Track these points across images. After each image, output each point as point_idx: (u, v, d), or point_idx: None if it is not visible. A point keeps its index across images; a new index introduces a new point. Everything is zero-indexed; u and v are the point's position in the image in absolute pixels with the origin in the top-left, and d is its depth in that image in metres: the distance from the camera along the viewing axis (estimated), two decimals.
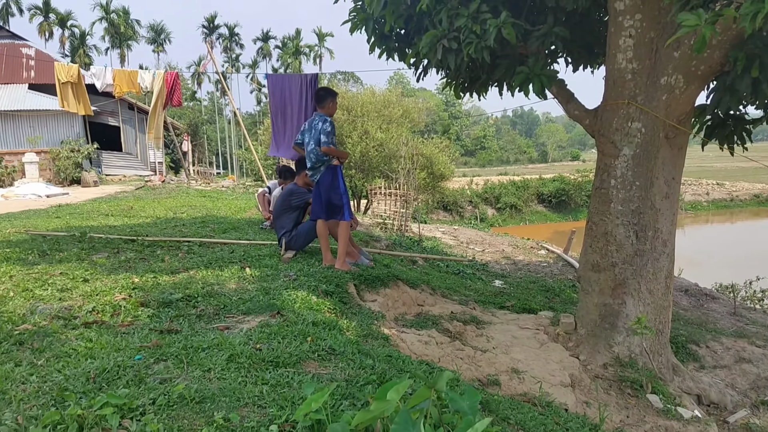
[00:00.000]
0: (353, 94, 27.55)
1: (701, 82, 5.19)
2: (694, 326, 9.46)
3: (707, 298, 12.22)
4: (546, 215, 42.03)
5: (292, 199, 7.03)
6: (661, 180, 5.54)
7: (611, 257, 5.73)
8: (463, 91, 6.69)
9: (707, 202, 44.94)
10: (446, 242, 15.70)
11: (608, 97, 5.50)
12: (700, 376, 7.18)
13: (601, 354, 5.86)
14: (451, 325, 5.82)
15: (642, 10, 5.05)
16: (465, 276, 10.25)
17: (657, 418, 5.20)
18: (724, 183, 49.23)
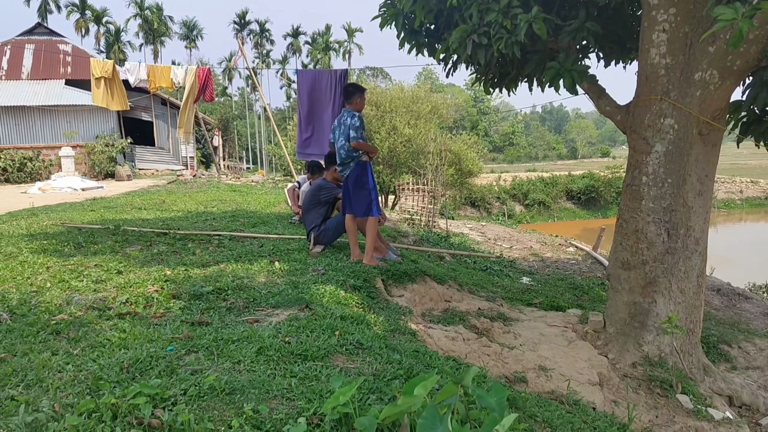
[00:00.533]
0: (382, 89, 27.55)
1: (737, 78, 5.06)
2: (726, 326, 9.27)
3: (740, 298, 11.95)
4: (575, 212, 41.52)
5: (320, 194, 7.07)
6: (694, 177, 5.43)
7: (642, 255, 5.63)
8: (492, 86, 6.64)
9: (741, 200, 43.85)
10: (474, 238, 15.62)
11: (640, 92, 5.40)
12: (731, 377, 7.03)
13: (630, 353, 5.77)
14: (478, 321, 5.79)
15: (676, 4, 4.94)
16: (492, 273, 10.19)
17: (687, 418, 5.11)
18: (759, 181, 47.99)
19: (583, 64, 5.58)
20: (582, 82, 5.55)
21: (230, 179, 23.25)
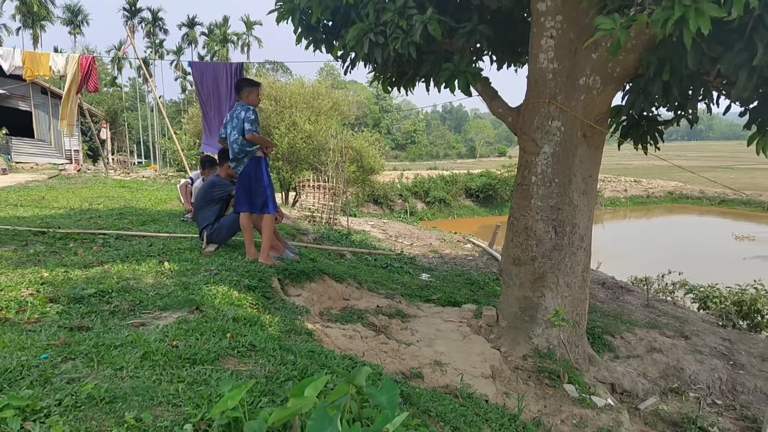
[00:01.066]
0: (282, 84, 27.18)
1: (617, 84, 5.45)
2: (610, 318, 9.94)
3: (623, 291, 12.87)
4: (474, 209, 42.97)
5: (214, 191, 6.89)
6: (579, 177, 5.79)
7: (531, 251, 5.94)
8: (390, 85, 6.75)
9: (625, 199, 47.19)
10: (375, 236, 15.79)
11: (530, 95, 5.69)
12: (614, 365, 7.56)
13: (521, 345, 6.07)
14: (377, 318, 5.87)
15: (563, 12, 5.24)
16: (393, 269, 10.35)
17: (573, 407, 5.44)
18: (641, 180, 51.81)
19: (476, 67, 5.80)
20: (476, 84, 5.77)
21: (119, 174, 22.11)
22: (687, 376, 7.92)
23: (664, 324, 10.10)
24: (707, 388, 7.85)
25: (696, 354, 8.63)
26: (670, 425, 6.54)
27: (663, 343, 8.87)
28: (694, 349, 8.85)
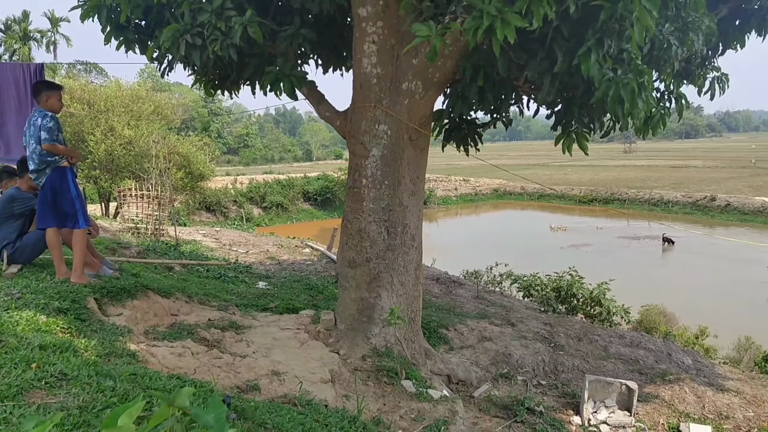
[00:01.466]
0: (95, 87, 25.29)
1: (438, 89, 5.80)
2: (444, 312, 10.53)
3: (455, 285, 13.68)
4: (312, 213, 43.18)
5: (14, 206, 6.22)
6: (407, 179, 6.07)
7: (366, 253, 6.11)
8: (213, 88, 6.58)
9: (456, 197, 50.28)
10: (207, 245, 15.26)
11: (356, 100, 5.86)
12: (449, 357, 8.02)
13: (359, 347, 6.21)
14: (209, 333, 5.69)
15: (383, 18, 5.46)
16: (227, 280, 10.08)
17: (410, 402, 5.68)
18: (470, 179, 55.54)
19: (301, 70, 5.86)
20: (301, 88, 5.82)
21: None
22: (515, 360, 8.63)
23: (493, 313, 10.91)
24: (533, 370, 8.60)
25: (522, 339, 9.43)
26: (501, 409, 7.06)
27: (492, 331, 9.58)
28: (520, 335, 9.66)
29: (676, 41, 5.67)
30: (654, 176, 59.80)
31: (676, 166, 71.52)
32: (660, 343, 10.79)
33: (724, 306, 19.88)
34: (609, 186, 50.36)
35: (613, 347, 9.95)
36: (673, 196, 43.45)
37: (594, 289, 13.18)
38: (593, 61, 4.75)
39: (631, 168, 71.66)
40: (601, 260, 26.44)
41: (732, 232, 33.75)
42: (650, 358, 9.69)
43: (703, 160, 79.19)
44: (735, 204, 38.93)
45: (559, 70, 4.98)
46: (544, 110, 6.18)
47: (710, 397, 7.96)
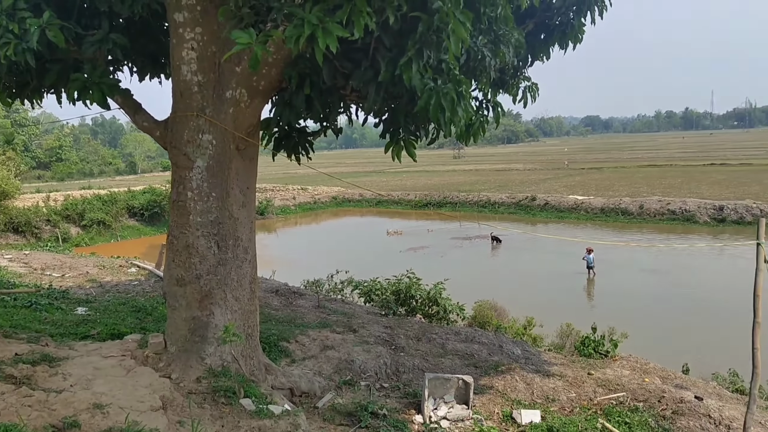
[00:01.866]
0: None
1: (264, 97, 5.76)
2: (285, 324, 10.46)
3: (296, 296, 13.65)
4: (139, 229, 40.67)
5: None
6: (237, 190, 5.95)
7: (195, 269, 5.90)
8: (10, 97, 5.98)
9: (295, 206, 50.11)
10: (15, 271, 13.82)
11: (177, 108, 5.64)
12: (291, 370, 7.97)
13: (194, 368, 5.98)
14: (16, 369, 5.15)
15: (202, 24, 5.33)
16: (39, 308, 9.22)
17: (251, 420, 5.57)
18: (308, 188, 55.71)
19: (113, 78, 5.52)
20: (114, 96, 5.49)
21: None
22: (357, 366, 8.80)
23: (335, 321, 11.05)
24: (375, 374, 8.83)
25: (364, 345, 9.64)
26: (345, 416, 7.16)
27: (334, 339, 9.70)
28: (362, 341, 9.87)
29: (490, 53, 6.15)
30: (481, 180, 64.07)
31: (500, 170, 77.28)
32: (492, 337, 11.59)
33: (548, 297, 21.77)
34: (441, 190, 53.11)
35: (450, 344, 10.51)
36: (498, 197, 46.83)
37: (431, 290, 13.81)
38: (415, 71, 5.00)
39: (460, 172, 76.13)
40: (437, 261, 27.77)
41: (551, 228, 37.15)
42: (484, 351, 10.37)
43: (524, 164, 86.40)
44: (552, 202, 42.88)
45: (383, 79, 5.18)
46: (372, 118, 6.37)
47: (538, 383, 8.70)
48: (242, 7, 4.52)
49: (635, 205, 38.76)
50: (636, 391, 8.56)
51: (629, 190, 47.11)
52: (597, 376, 9.20)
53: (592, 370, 9.66)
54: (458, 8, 4.97)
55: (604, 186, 51.94)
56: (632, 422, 7.62)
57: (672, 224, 35.62)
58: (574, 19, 7.37)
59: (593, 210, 39.97)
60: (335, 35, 4.25)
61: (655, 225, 35.96)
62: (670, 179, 55.28)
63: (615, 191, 47.16)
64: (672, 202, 38.06)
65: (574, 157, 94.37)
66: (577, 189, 50.36)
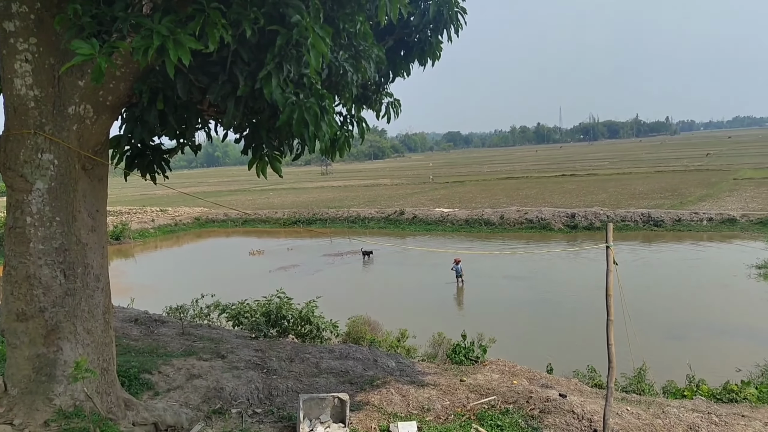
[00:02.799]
0: None
1: (112, 113, 5.42)
2: (146, 354, 9.89)
3: (158, 324, 12.96)
4: None
5: None
6: (85, 213, 5.55)
7: (39, 302, 5.40)
8: None
9: (154, 229, 47.67)
10: None
11: (11, 126, 5.17)
12: (154, 403, 7.52)
13: (40, 411, 5.46)
14: None
15: (36, 34, 4.93)
16: None
17: None
18: (167, 209, 53.39)
19: None
20: None
21: None
22: (227, 394, 8.49)
23: (201, 348, 10.60)
24: (247, 400, 8.56)
25: (233, 370, 9.33)
26: None
27: (201, 367, 9.30)
28: (231, 366, 9.55)
29: (352, 68, 6.23)
30: (350, 195, 64.81)
31: (369, 185, 78.65)
32: (367, 351, 11.67)
33: (420, 307, 22.36)
34: (310, 207, 53.06)
35: (324, 362, 10.45)
36: (368, 212, 47.55)
37: (303, 309, 13.69)
38: (275, 85, 4.95)
39: (329, 189, 76.60)
40: (308, 279, 27.61)
41: (420, 241, 38.26)
42: (359, 367, 10.41)
43: (391, 179, 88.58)
44: (420, 216, 44.20)
45: (242, 93, 5.07)
46: (233, 134, 6.22)
47: (413, 394, 8.84)
48: (83, 16, 4.23)
49: (496, 216, 40.86)
50: (506, 393, 8.95)
51: (490, 202, 49.74)
52: (469, 382, 9.53)
53: (464, 376, 9.99)
54: (317, 23, 4.99)
55: (467, 198, 54.46)
56: (504, 424, 7.95)
57: (531, 232, 37.93)
58: (432, 36, 7.67)
59: (458, 222, 41.65)
60: (188, 47, 4.11)
61: (515, 233, 38.11)
62: (526, 190, 59.08)
63: (477, 203, 49.58)
64: (529, 211, 40.55)
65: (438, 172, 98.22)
66: (443, 202, 52.39)
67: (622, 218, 36.99)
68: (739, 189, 48.99)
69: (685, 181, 58.15)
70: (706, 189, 49.94)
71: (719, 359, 15.20)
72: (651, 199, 45.77)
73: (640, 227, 36.25)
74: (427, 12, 7.29)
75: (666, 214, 36.88)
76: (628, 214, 37.55)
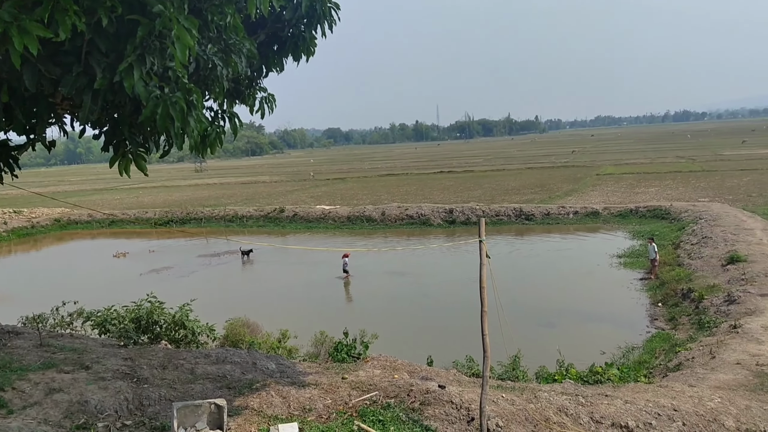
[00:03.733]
0: None
1: None
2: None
3: (11, 336, 11.99)
4: None
5: None
6: None
7: None
8: None
9: (7, 232, 44.06)
10: None
11: None
12: (8, 423, 7.01)
13: None
14: None
15: None
16: None
17: None
18: (23, 210, 49.56)
19: None
20: None
21: None
22: (93, 407, 8.04)
23: (62, 360, 9.94)
24: (116, 412, 8.15)
25: (99, 382, 8.84)
26: None
27: (63, 380, 8.74)
28: (97, 378, 9.03)
29: (221, 62, 6.09)
30: (227, 193, 63.36)
31: (247, 183, 77.25)
32: (245, 354, 11.47)
33: (303, 306, 22.31)
34: (184, 206, 51.27)
35: (200, 368, 10.15)
36: (246, 210, 46.66)
37: (176, 313, 13.21)
38: (137, 78, 4.73)
39: (204, 187, 74.44)
40: (183, 282, 26.71)
41: (301, 239, 38.08)
42: (237, 370, 10.21)
43: (270, 176, 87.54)
44: (301, 213, 43.98)
45: (99, 86, 4.81)
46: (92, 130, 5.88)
47: (294, 395, 8.81)
48: None
49: (378, 212, 41.53)
50: (387, 388, 9.14)
51: (372, 198, 50.47)
52: (351, 380, 9.64)
53: (345, 374, 10.09)
54: (182, 14, 4.83)
55: (349, 195, 54.93)
56: (385, 419, 8.13)
57: (411, 228, 38.91)
58: (305, 31, 7.63)
59: (340, 219, 41.90)
60: (35, 35, 3.84)
61: (397, 229, 38.94)
62: (406, 187, 60.51)
63: (359, 200, 50.15)
64: (410, 207, 41.59)
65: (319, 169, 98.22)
66: (324, 199, 52.50)
67: (496, 213, 38.87)
68: (601, 184, 52.97)
69: (553, 177, 61.99)
70: (572, 184, 53.54)
71: (586, 344, 16.41)
72: (523, 194, 48.41)
73: (513, 221, 38.27)
74: (299, 7, 7.24)
75: (536, 209, 39.17)
76: (501, 209, 39.50)
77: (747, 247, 22.95)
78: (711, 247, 24.26)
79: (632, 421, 8.71)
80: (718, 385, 11.08)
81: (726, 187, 45.55)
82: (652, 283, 22.39)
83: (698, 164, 65.53)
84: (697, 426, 8.88)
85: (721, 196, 40.60)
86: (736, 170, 56.64)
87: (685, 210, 34.20)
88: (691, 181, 50.61)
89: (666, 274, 22.60)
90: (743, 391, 10.59)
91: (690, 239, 27.07)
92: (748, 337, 13.97)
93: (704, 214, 31.52)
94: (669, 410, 9.13)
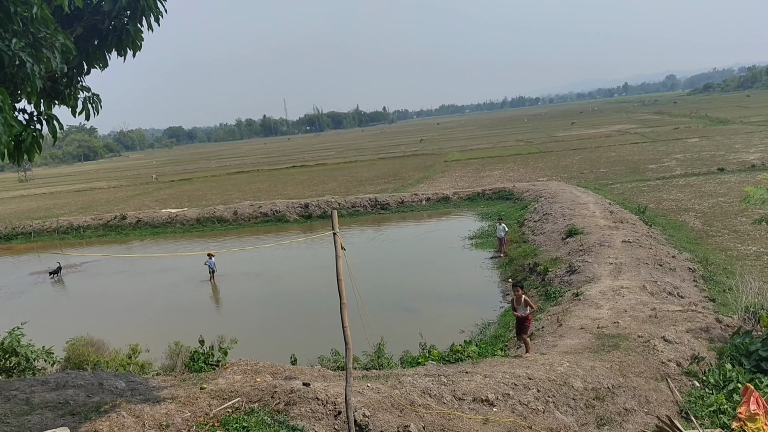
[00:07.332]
0: None
1: None
2: None
3: None
4: None
5: None
6: None
7: None
8: None
9: None
10: None
11: None
12: None
13: None
14: None
15: None
16: None
17: None
18: None
19: None
20: None
21: None
22: None
23: None
24: None
25: None
26: None
27: None
28: None
29: (31, 58, 5.59)
30: (59, 203, 58.86)
31: (81, 190, 72.23)
32: (90, 376, 10.71)
33: (154, 317, 21.25)
34: (8, 220, 46.92)
35: (37, 397, 9.35)
36: (83, 220, 43.48)
37: (5, 339, 12.10)
38: None
39: (31, 197, 68.73)
40: (12, 303, 24.48)
41: (147, 246, 36.17)
42: (81, 394, 9.52)
43: (107, 181, 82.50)
44: (145, 219, 41.72)
45: None
46: None
47: (149, 413, 8.35)
48: None
49: (230, 212, 40.48)
50: (250, 393, 8.96)
51: (222, 198, 49.15)
52: (210, 389, 9.33)
53: (204, 383, 9.75)
54: None
55: (197, 197, 53.07)
56: (250, 425, 7.96)
57: (267, 225, 38.35)
58: (129, 24, 7.18)
59: (189, 221, 40.38)
60: None
61: (251, 228, 38.20)
62: (258, 184, 59.55)
63: (208, 201, 48.62)
64: (263, 205, 40.96)
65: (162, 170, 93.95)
66: (170, 202, 50.33)
67: (352, 204, 39.37)
68: (449, 170, 55.37)
69: (405, 165, 63.92)
70: (423, 172, 55.52)
71: (446, 324, 17.08)
72: (377, 184, 49.43)
73: (370, 212, 38.95)
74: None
75: (391, 198, 40.16)
76: (357, 200, 40.06)
77: (582, 220, 25.06)
78: (552, 223, 26.22)
79: (492, 394, 9.21)
80: (566, 350, 12.02)
81: (561, 165, 49.51)
82: (502, 261, 23.78)
83: (536, 146, 70.64)
84: (549, 390, 9.59)
85: (558, 174, 44.09)
86: (569, 150, 61.83)
87: (526, 190, 36.71)
88: (530, 163, 54.42)
89: (513, 251, 24.12)
90: (588, 354, 11.56)
91: (533, 216, 29.09)
92: (589, 303, 15.26)
93: (544, 192, 34.03)
94: (524, 379, 9.77)
